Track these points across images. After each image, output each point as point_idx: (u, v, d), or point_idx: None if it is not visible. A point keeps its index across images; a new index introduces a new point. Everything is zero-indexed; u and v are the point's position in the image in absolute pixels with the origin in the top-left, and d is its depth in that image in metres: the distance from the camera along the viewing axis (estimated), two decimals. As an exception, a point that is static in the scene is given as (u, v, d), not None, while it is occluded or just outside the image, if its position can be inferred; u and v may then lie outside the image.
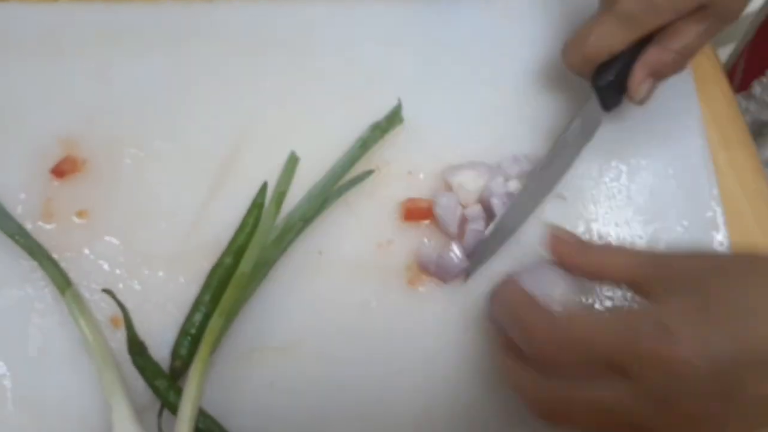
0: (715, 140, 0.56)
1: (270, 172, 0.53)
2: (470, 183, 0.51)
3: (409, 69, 0.58)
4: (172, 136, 0.55)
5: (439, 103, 0.56)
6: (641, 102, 0.50)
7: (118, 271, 0.50)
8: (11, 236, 0.49)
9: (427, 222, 0.52)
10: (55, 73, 0.57)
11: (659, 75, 0.49)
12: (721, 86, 0.59)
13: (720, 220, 0.52)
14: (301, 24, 0.59)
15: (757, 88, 0.69)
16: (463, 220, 0.51)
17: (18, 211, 0.52)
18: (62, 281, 0.48)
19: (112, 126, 0.55)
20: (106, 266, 0.50)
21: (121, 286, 0.50)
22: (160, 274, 0.50)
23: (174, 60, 0.58)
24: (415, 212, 0.52)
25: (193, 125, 0.55)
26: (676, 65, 0.49)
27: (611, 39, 0.48)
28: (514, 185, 0.51)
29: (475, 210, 0.51)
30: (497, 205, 0.50)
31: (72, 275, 0.49)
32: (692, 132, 0.56)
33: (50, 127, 0.54)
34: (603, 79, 0.50)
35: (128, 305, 0.47)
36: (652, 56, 0.48)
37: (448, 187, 0.52)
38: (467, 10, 0.60)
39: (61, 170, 0.53)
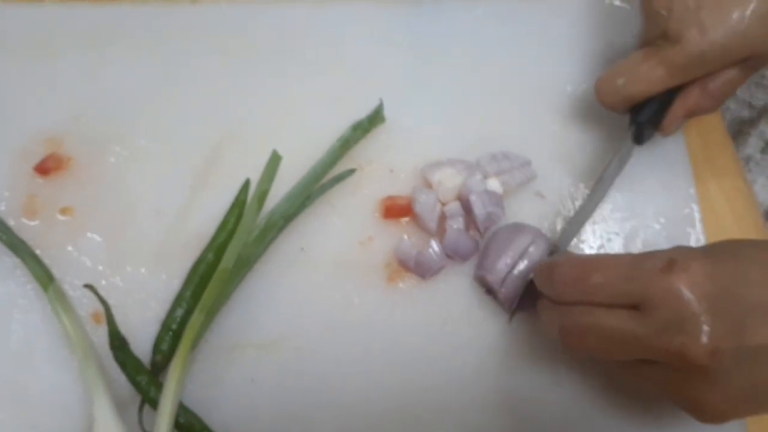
0: (694, 139, 0.56)
1: (253, 171, 0.53)
2: (449, 180, 0.52)
3: (392, 70, 0.59)
4: (156, 135, 0.55)
5: (421, 103, 0.57)
6: (671, 135, 0.52)
7: (100, 268, 0.50)
8: (-5, 233, 0.50)
9: (407, 219, 0.52)
10: (41, 72, 0.57)
11: (693, 114, 0.51)
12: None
13: (696, 216, 0.53)
14: (286, 25, 0.60)
15: (737, 89, 0.70)
16: (442, 218, 0.51)
17: (1, 208, 0.52)
18: (45, 277, 0.48)
19: (97, 125, 0.55)
20: (88, 263, 0.51)
21: (103, 282, 0.50)
22: (143, 270, 0.51)
23: (159, 60, 0.58)
24: (395, 209, 0.52)
25: (177, 124, 0.56)
26: (712, 107, 0.50)
27: (655, 84, 0.49)
28: (493, 183, 0.52)
29: (454, 207, 0.51)
30: (475, 202, 0.50)
31: (55, 271, 0.50)
32: (671, 131, 0.56)
33: (35, 126, 0.55)
34: (641, 117, 0.50)
35: (110, 301, 0.48)
36: (692, 98, 0.49)
37: (428, 185, 0.53)
38: (449, 13, 0.61)
39: (45, 168, 0.53)
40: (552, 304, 0.44)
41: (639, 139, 0.51)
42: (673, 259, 0.38)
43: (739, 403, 0.39)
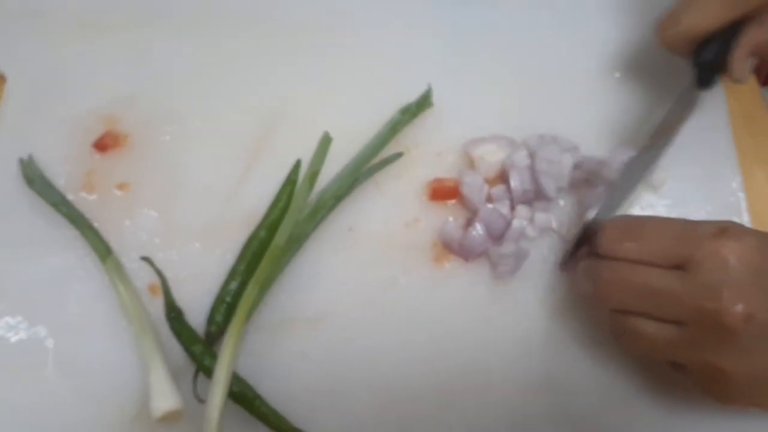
0: (740, 129, 0.57)
1: (302, 151, 0.55)
2: (491, 155, 0.53)
3: (439, 54, 0.60)
4: (209, 115, 0.57)
5: (467, 88, 0.58)
6: (741, 80, 0.51)
7: (156, 242, 0.52)
8: (55, 206, 0.52)
9: (453, 201, 0.53)
10: (99, 53, 0.59)
11: (759, 53, 0.50)
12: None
13: (743, 205, 0.53)
14: (336, 9, 0.61)
15: (781, 82, 0.70)
16: (489, 200, 0.52)
17: (61, 182, 0.54)
18: (103, 249, 0.50)
19: (153, 104, 0.57)
20: (145, 237, 0.52)
21: (159, 255, 0.51)
22: (197, 245, 0.52)
23: (213, 42, 0.60)
24: (442, 191, 0.53)
25: (229, 105, 0.57)
26: None
27: (712, 17, 0.48)
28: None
29: (500, 190, 0.52)
30: (514, 176, 0.51)
31: (112, 245, 0.51)
32: (718, 121, 0.57)
33: (93, 105, 0.57)
34: (704, 56, 0.50)
35: (166, 274, 0.49)
36: (754, 35, 0.49)
37: (471, 162, 0.53)
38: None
39: (103, 144, 0.55)
40: (594, 258, 0.44)
41: (703, 82, 0.51)
42: (726, 228, 0.40)
43: (760, 383, 0.39)
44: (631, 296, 0.41)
